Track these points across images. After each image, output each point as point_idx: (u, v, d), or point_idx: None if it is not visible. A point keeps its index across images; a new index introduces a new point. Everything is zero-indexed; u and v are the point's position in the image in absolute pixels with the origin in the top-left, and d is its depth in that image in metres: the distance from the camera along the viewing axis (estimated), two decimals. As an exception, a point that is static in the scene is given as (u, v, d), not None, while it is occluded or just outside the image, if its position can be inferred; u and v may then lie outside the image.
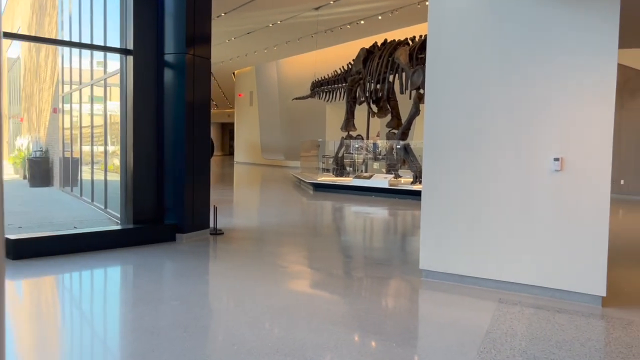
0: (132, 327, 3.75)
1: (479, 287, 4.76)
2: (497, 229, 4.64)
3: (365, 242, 7.35)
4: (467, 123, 4.77)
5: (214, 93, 39.13)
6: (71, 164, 12.37)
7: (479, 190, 4.71)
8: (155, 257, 5.86)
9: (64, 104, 13.20)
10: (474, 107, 4.73)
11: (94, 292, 4.66)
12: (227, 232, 7.52)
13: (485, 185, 4.68)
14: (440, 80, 4.91)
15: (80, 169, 11.52)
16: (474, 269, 4.77)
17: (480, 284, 4.77)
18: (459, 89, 4.81)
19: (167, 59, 6.81)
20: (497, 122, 4.63)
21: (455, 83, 4.83)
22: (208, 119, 7.19)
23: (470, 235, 4.77)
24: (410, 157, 13.29)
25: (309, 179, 15.58)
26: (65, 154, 13.18)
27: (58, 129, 13.63)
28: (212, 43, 7.22)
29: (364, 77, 14.91)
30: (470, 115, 4.75)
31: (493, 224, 4.66)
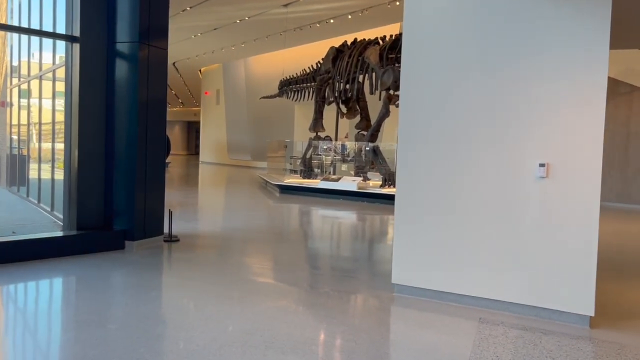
0: (55, 357, 3.17)
1: (457, 304, 4.33)
2: (477, 241, 4.22)
3: (333, 251, 6.88)
4: (444, 126, 4.34)
5: (180, 91, 38.22)
6: (18, 161, 11.54)
7: (458, 198, 4.28)
8: (99, 269, 5.25)
9: (11, 97, 12.34)
10: (452, 109, 4.30)
11: (18, 313, 4.05)
12: (184, 238, 6.93)
13: (465, 193, 4.25)
14: (416, 80, 4.47)
15: (28, 167, 10.72)
16: (452, 284, 4.34)
17: (458, 300, 4.34)
18: (436, 91, 4.37)
19: (119, 49, 6.20)
20: (477, 126, 4.21)
21: (431, 84, 4.39)
22: (163, 114, 6.60)
23: (447, 247, 4.33)
24: (379, 160, 12.90)
25: (275, 180, 15.05)
26: (13, 150, 12.33)
27: (5, 124, 12.75)
28: (177, 39, 6.73)
29: (333, 77, 14.46)
30: (449, 118, 4.32)
31: (473, 236, 4.23)
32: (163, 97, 6.57)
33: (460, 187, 4.27)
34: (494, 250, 4.16)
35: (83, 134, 6.10)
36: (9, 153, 12.59)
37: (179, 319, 3.83)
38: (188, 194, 13.85)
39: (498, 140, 4.14)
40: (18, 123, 11.52)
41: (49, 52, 8.63)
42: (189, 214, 9.53)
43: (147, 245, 6.32)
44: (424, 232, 4.42)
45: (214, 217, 9.77)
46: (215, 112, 31.31)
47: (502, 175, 4.13)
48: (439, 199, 4.35)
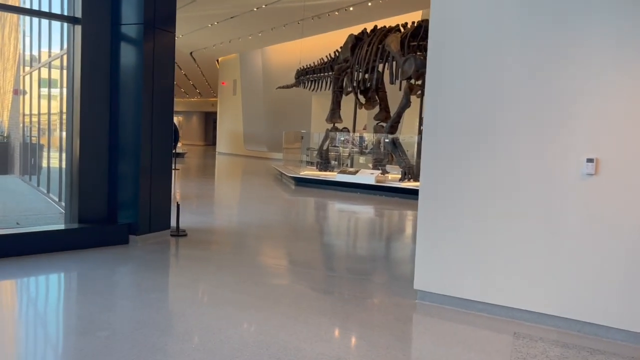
0: (37, 371, 2.81)
1: (488, 315, 3.88)
2: (513, 245, 3.76)
3: (350, 249, 6.45)
4: (476, 117, 3.87)
5: (198, 81, 37.96)
6: (30, 150, 11.30)
7: (491, 198, 3.82)
8: (98, 266, 4.89)
9: (24, 85, 12.09)
10: (486, 99, 3.83)
11: (4, 315, 3.69)
12: (193, 233, 6.56)
13: (498, 191, 3.79)
14: (444, 68, 4.00)
15: (37, 156, 10.46)
16: (482, 292, 3.89)
17: (489, 311, 3.89)
18: (468, 79, 3.90)
19: (123, 31, 5.82)
20: (516, 117, 3.73)
21: (463, 72, 3.92)
22: (170, 101, 6.21)
23: (477, 251, 3.88)
24: (399, 152, 12.41)
25: (291, 172, 14.64)
26: (27, 139, 12.11)
27: (18, 112, 12.53)
28: (194, 28, 6.32)
29: (351, 66, 13.97)
30: (480, 108, 3.85)
31: (508, 239, 3.77)
32: (170, 82, 6.19)
33: (493, 185, 3.81)
34: (532, 256, 3.70)
35: (85, 122, 5.74)
36: (21, 142, 12.37)
37: (177, 327, 3.45)
38: (203, 185, 13.53)
39: (538, 131, 3.66)
40: (30, 112, 11.28)
41: (60, 38, 8.30)
42: (201, 207, 9.18)
43: (153, 240, 5.96)
44: (451, 234, 3.97)
45: (227, 210, 9.40)
46: (231, 102, 30.99)
47: (544, 171, 3.66)
48: (469, 197, 3.89)
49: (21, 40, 12.46)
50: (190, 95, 45.63)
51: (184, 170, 17.68)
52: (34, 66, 10.68)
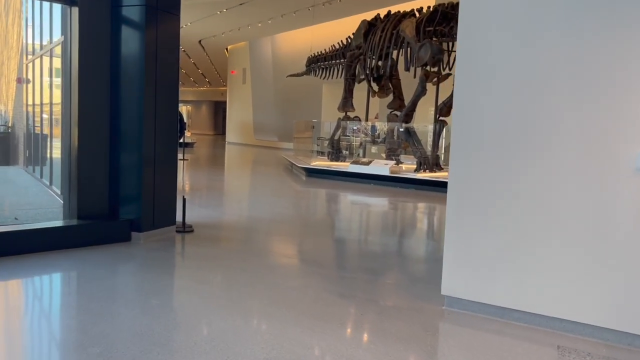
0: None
1: (526, 325, 3.48)
2: (554, 247, 3.34)
3: (366, 246, 6.05)
4: (515, 110, 3.44)
5: (207, 70, 37.56)
6: (33, 141, 10.99)
7: (530, 194, 3.40)
8: (96, 267, 4.54)
9: (26, 74, 11.76)
10: (525, 88, 3.40)
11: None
12: (200, 228, 6.20)
13: (540, 187, 3.37)
14: (476, 56, 3.57)
15: (40, 147, 10.15)
16: (519, 299, 3.48)
17: (527, 320, 3.49)
18: (505, 68, 3.47)
19: (124, 13, 5.42)
20: (558, 106, 3.30)
21: (499, 56, 3.49)
22: (175, 88, 5.83)
23: (515, 254, 3.47)
24: (414, 142, 11.97)
25: (302, 163, 14.25)
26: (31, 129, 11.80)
27: (22, 101, 12.22)
28: (202, 15, 5.93)
29: (364, 53, 13.50)
30: (520, 99, 3.41)
31: (550, 241, 3.35)
32: (175, 68, 5.80)
33: (534, 181, 3.39)
34: (577, 261, 3.28)
35: (84, 111, 5.36)
36: (25, 132, 12.08)
37: (179, 341, 3.08)
38: (212, 176, 13.19)
39: (584, 121, 3.23)
40: (33, 101, 10.96)
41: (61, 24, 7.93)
42: (210, 199, 8.82)
43: (157, 237, 5.60)
44: (484, 234, 3.55)
45: (236, 203, 9.04)
46: (241, 91, 30.59)
47: (591, 166, 3.23)
48: (504, 194, 3.48)
49: (24, 27, 12.11)
50: (200, 85, 45.27)
51: (193, 160, 17.35)
52: (36, 54, 10.34)
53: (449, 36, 11.24)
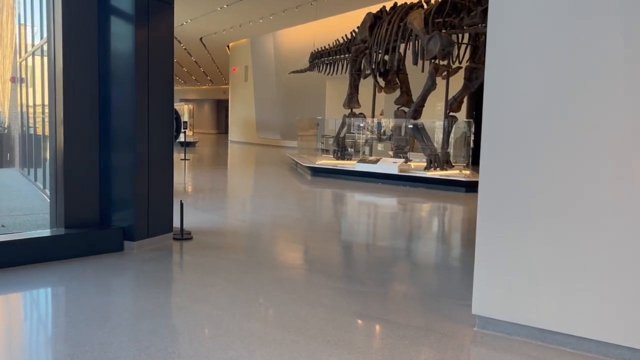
0: None
1: (573, 351, 3.00)
2: (605, 260, 2.87)
3: (380, 254, 5.58)
4: (558, 101, 2.96)
5: (209, 68, 37.11)
6: (28, 141, 10.55)
7: (574, 197, 2.92)
8: (82, 283, 4.08)
9: (20, 73, 11.32)
10: (571, 74, 2.92)
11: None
12: (199, 235, 5.74)
13: (586, 190, 2.89)
14: (512, 41, 3.09)
15: (33, 148, 9.71)
16: (565, 321, 3.00)
17: (574, 345, 3.01)
18: (543, 56, 2.99)
19: (112, 2, 4.96)
20: (611, 100, 2.82)
21: (538, 44, 3.01)
22: (170, 84, 5.37)
23: (563, 267, 2.99)
24: (424, 139, 11.47)
25: (307, 162, 13.78)
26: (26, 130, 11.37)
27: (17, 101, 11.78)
28: (203, 11, 5.51)
29: (370, 47, 13.01)
30: (563, 87, 2.94)
31: (598, 253, 2.88)
32: (169, 62, 5.33)
33: (576, 181, 2.91)
34: (635, 277, 2.80)
35: (70, 109, 4.91)
36: (20, 132, 11.65)
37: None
38: (214, 177, 12.73)
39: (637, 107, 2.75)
40: (27, 102, 10.52)
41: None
42: (211, 202, 8.37)
43: (151, 246, 5.14)
44: (525, 243, 3.08)
45: (239, 205, 8.57)
46: (243, 89, 30.13)
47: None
48: (545, 198, 3.00)
49: (17, 24, 11.67)
50: (202, 83, 44.87)
51: (195, 160, 16.90)
52: (28, 51, 9.90)
53: (459, 28, 10.75)
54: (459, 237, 6.54)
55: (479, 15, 10.11)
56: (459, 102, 11.69)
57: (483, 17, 10.07)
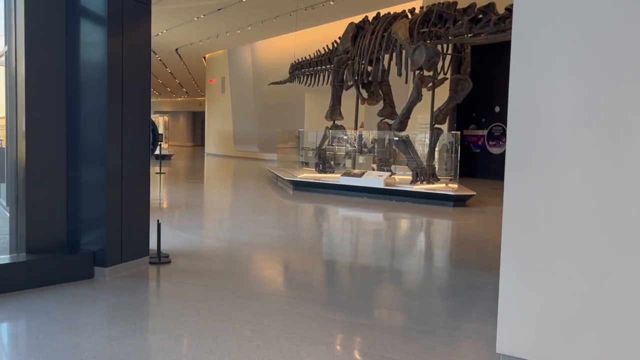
0: None
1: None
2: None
3: (376, 278, 5.16)
4: (601, 105, 2.60)
5: (184, 79, 36.50)
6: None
7: (628, 229, 2.55)
8: (48, 317, 3.56)
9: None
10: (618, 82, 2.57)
11: None
12: (177, 257, 5.25)
13: (635, 205, 2.53)
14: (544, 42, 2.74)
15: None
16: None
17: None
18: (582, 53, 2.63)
19: (82, 2, 4.49)
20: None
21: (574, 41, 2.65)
22: (146, 92, 4.90)
23: (600, 299, 2.61)
24: (410, 152, 11.14)
25: (288, 175, 13.34)
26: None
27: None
28: (179, 21, 5.11)
29: (352, 57, 12.69)
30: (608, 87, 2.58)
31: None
32: (145, 68, 4.87)
33: (621, 195, 2.54)
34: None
35: (33, 121, 4.39)
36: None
37: None
38: (191, 191, 12.18)
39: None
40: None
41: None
42: (189, 219, 7.85)
43: (125, 272, 4.63)
44: (555, 272, 2.69)
45: (218, 223, 8.08)
46: (220, 101, 29.62)
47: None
48: (585, 216, 2.62)
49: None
50: (177, 95, 44.17)
51: (171, 174, 16.31)
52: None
53: (445, 38, 10.48)
54: (454, 257, 6.16)
55: (465, 25, 9.86)
56: (445, 114, 11.42)
57: (469, 27, 9.83)
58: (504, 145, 17.06)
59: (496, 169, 16.41)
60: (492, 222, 8.43)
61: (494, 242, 6.65)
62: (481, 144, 17.59)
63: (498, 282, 2.81)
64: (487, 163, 17.01)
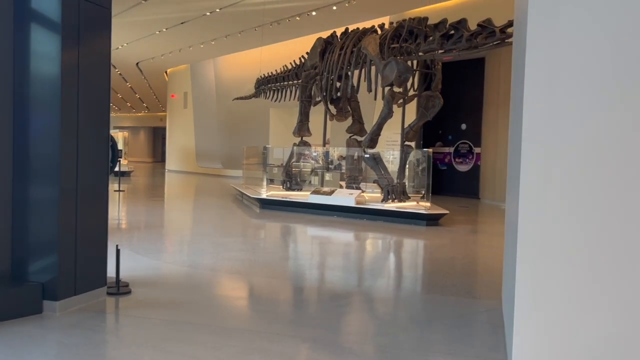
0: None
1: None
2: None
3: (358, 306, 4.78)
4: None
5: (145, 94, 35.62)
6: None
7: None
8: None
9: None
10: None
11: None
12: (138, 286, 4.76)
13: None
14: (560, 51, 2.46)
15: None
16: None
17: None
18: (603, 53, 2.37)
19: (33, 6, 4.03)
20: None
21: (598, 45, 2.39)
22: (105, 106, 4.44)
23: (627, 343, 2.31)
24: (380, 169, 10.88)
25: (254, 193, 12.89)
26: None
27: None
28: (140, 35, 4.74)
29: (321, 73, 12.42)
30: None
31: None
32: (104, 80, 4.42)
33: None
34: None
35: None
36: None
37: None
38: (152, 210, 11.57)
39: None
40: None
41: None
42: (150, 242, 7.32)
43: (80, 306, 4.12)
44: (582, 309, 2.39)
45: (182, 245, 7.56)
46: (182, 116, 28.94)
47: None
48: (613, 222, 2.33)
49: None
50: (137, 110, 43.14)
51: (130, 191, 15.61)
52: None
53: (415, 54, 10.32)
54: (436, 282, 5.85)
55: (437, 41, 9.71)
56: (415, 131, 11.24)
57: (441, 43, 9.69)
58: (471, 163, 17.08)
59: (463, 186, 16.34)
60: (469, 242, 8.20)
61: (475, 265, 6.38)
62: (448, 161, 17.52)
63: (488, 311, 2.48)
64: (454, 180, 16.93)
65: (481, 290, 5.19)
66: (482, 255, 7.04)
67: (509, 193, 4.10)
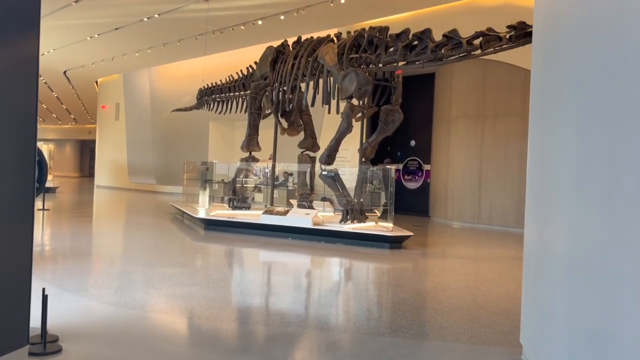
0: None
1: None
2: None
3: (330, 345, 3.97)
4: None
5: (72, 105, 33.39)
6: None
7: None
8: None
9: None
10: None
11: None
12: (69, 339, 3.72)
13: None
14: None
15: None
16: None
17: None
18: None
19: None
20: None
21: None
22: (31, 121, 3.44)
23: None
24: (339, 188, 10.14)
25: (198, 212, 11.82)
26: None
27: None
28: (69, 40, 3.91)
29: (271, 83, 11.62)
30: None
31: None
32: (30, 88, 3.42)
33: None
34: None
35: None
36: None
37: None
38: (80, 233, 10.21)
39: None
40: None
41: None
42: (83, 274, 6.19)
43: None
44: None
45: (120, 278, 6.43)
46: (113, 128, 27.22)
47: None
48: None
49: None
50: (64, 122, 40.54)
51: (56, 210, 14.08)
52: None
53: (375, 65, 9.73)
54: (429, 320, 5.14)
55: (399, 52, 9.16)
56: (373, 147, 10.64)
57: (403, 54, 9.15)
58: (420, 180, 16.66)
59: (412, 204, 15.89)
60: (444, 269, 7.56)
61: (464, 299, 5.72)
62: (397, 178, 17.10)
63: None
64: (403, 198, 16.48)
65: (487, 334, 4.49)
66: (466, 284, 6.39)
67: (534, 221, 3.45)
